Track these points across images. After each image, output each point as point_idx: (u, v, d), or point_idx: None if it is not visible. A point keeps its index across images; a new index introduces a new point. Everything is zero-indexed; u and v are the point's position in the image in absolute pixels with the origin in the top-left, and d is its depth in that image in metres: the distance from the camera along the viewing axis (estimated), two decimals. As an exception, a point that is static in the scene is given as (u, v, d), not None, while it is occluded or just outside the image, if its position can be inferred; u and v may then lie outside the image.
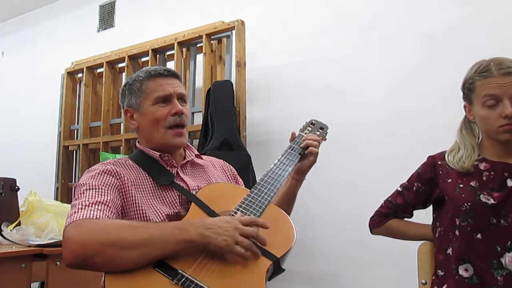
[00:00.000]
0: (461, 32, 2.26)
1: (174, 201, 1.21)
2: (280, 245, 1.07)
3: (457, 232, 1.26)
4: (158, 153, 1.26)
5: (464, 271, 1.23)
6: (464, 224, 1.24)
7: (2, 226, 1.83)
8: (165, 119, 1.24)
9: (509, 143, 1.27)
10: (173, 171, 1.27)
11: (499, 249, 1.20)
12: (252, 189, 1.20)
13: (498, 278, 1.18)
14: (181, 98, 1.28)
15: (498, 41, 2.09)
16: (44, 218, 1.90)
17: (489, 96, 1.23)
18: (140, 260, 0.95)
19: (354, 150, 2.49)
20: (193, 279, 0.94)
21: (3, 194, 2.00)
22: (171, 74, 1.29)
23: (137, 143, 1.33)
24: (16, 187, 2.07)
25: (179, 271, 0.96)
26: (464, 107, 1.35)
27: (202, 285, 0.94)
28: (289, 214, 1.30)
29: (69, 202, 1.12)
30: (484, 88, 1.24)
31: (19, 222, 1.94)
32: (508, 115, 1.20)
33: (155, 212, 1.15)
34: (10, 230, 1.81)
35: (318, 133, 1.41)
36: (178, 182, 1.24)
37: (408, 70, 2.39)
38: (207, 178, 1.34)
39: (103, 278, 0.99)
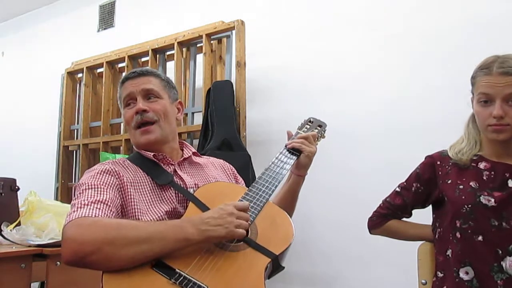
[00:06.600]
0: (461, 32, 2.26)
1: (172, 199, 1.20)
2: (279, 242, 1.07)
3: (457, 235, 1.25)
4: (152, 153, 1.25)
5: (464, 274, 1.22)
6: (465, 227, 1.24)
7: (2, 226, 1.82)
8: (132, 120, 1.24)
9: (504, 142, 1.26)
10: (171, 169, 1.26)
11: (500, 252, 1.19)
12: (250, 188, 1.19)
13: (498, 282, 1.17)
14: (149, 94, 1.26)
15: (499, 42, 2.09)
16: (44, 218, 1.90)
17: (483, 94, 1.23)
18: (138, 258, 0.95)
19: (354, 149, 2.49)
20: (191, 278, 0.94)
21: (3, 194, 2.00)
22: (138, 74, 1.28)
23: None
24: (16, 187, 2.07)
25: (177, 270, 0.95)
26: (471, 99, 1.34)
27: (200, 283, 0.93)
28: (292, 212, 1.30)
29: (69, 202, 1.12)
30: (480, 85, 1.25)
31: (19, 222, 1.93)
32: (495, 116, 1.20)
33: (153, 211, 1.15)
34: (10, 230, 1.81)
35: (316, 130, 1.40)
36: (176, 180, 1.23)
37: (408, 70, 2.39)
38: (206, 176, 1.33)
39: (101, 279, 0.99)
